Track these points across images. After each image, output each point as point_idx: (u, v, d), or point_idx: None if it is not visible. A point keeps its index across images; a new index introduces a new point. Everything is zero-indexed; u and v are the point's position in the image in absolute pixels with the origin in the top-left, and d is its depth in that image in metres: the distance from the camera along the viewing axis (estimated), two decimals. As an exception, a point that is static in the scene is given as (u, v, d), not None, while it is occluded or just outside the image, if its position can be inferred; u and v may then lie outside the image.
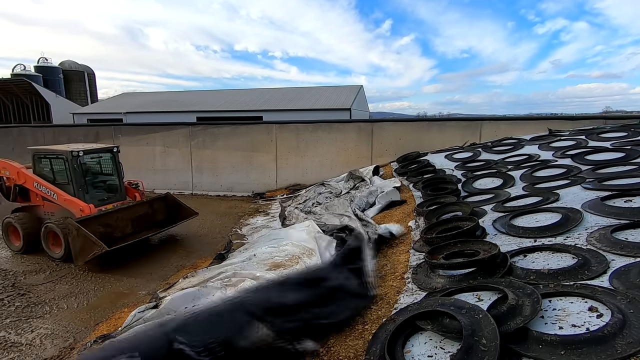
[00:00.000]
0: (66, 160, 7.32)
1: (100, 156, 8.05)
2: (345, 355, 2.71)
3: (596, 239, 3.30)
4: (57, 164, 7.55)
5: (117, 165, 8.16)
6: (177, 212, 8.45)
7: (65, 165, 7.38)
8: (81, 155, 7.39)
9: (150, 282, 6.24)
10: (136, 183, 8.71)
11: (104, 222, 7.06)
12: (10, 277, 6.54)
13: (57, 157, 7.51)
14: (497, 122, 11.25)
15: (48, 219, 7.49)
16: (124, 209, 7.56)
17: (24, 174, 7.70)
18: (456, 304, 2.62)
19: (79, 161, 7.38)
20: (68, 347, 4.48)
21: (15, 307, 5.48)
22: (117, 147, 8.19)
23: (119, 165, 8.18)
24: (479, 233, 4.21)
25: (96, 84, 44.37)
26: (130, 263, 6.99)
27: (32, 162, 7.74)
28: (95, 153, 7.87)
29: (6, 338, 4.69)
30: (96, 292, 5.98)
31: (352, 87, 29.32)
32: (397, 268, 4.03)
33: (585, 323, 2.24)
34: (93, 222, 6.80)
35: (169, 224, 8.18)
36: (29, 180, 7.62)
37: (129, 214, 7.61)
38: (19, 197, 7.96)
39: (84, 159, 7.54)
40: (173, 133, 13.55)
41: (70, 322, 5.06)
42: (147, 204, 8.10)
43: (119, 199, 8.05)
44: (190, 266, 6.79)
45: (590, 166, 5.74)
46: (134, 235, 7.47)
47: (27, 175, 7.66)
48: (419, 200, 6.55)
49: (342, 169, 11.73)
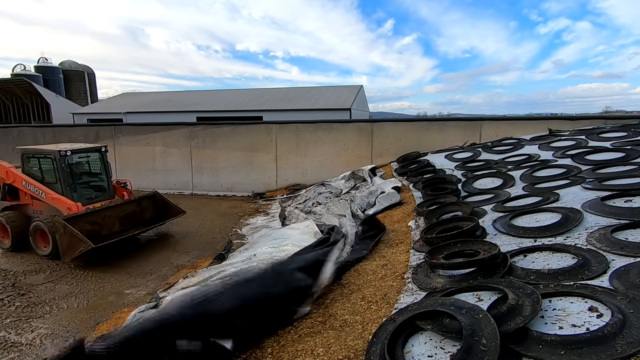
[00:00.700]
0: (54, 159, 7.43)
1: (88, 155, 8.16)
2: (346, 355, 2.70)
3: (596, 239, 3.30)
4: (45, 163, 7.67)
5: (105, 165, 8.28)
6: (165, 210, 8.58)
7: (53, 164, 7.48)
8: (69, 154, 7.50)
9: (150, 282, 6.24)
10: (124, 182, 8.82)
11: (91, 220, 7.19)
12: (10, 277, 6.54)
13: (45, 157, 7.63)
14: (497, 122, 11.25)
15: (37, 217, 7.60)
16: (111, 207, 7.69)
17: (12, 173, 7.83)
18: (456, 304, 2.62)
19: (67, 160, 7.49)
20: (68, 347, 4.47)
21: (15, 307, 5.48)
22: (105, 146, 8.31)
23: (107, 165, 8.31)
24: (479, 233, 4.20)
25: (96, 84, 44.41)
26: (130, 263, 6.99)
27: (21, 161, 7.90)
28: (83, 152, 8.01)
29: (6, 338, 4.69)
30: (96, 292, 5.98)
31: (352, 87, 29.32)
32: (397, 268, 4.02)
33: (585, 323, 2.23)
34: (80, 220, 6.91)
35: (156, 222, 8.33)
36: (18, 179, 7.74)
37: (116, 212, 7.73)
38: (7, 196, 8.08)
39: (72, 159, 7.65)
40: (173, 133, 13.55)
41: (70, 322, 5.06)
42: (134, 203, 8.23)
43: (107, 198, 8.17)
44: (190, 266, 6.80)
45: (590, 166, 5.74)
46: (122, 233, 7.58)
47: (15, 174, 7.79)
48: (419, 200, 6.55)
49: (342, 169, 11.73)
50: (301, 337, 3.17)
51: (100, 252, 6.92)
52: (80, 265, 6.93)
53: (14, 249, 7.67)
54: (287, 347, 3.06)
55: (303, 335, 3.20)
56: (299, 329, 3.35)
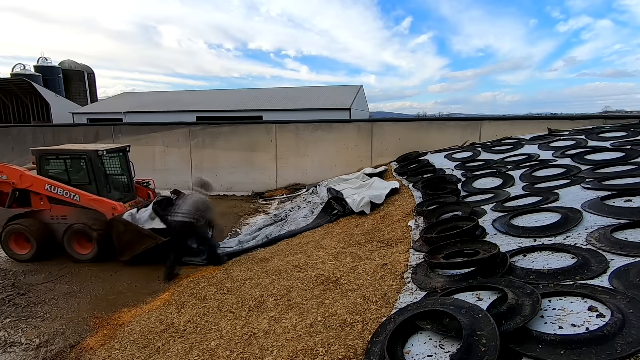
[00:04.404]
0: (89, 160, 7.20)
1: (116, 155, 8.03)
2: (345, 355, 2.70)
3: (596, 238, 3.30)
4: (74, 164, 7.43)
5: (128, 165, 8.13)
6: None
7: (87, 165, 7.25)
8: (105, 154, 7.38)
9: (150, 282, 6.24)
10: (147, 182, 8.67)
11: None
12: (10, 277, 6.53)
13: (74, 158, 7.39)
14: (497, 122, 11.25)
15: (57, 223, 7.27)
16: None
17: (30, 177, 7.19)
18: (456, 304, 2.62)
19: (103, 160, 7.34)
20: (68, 346, 4.47)
21: (15, 307, 5.47)
22: (128, 146, 8.18)
23: (130, 165, 8.15)
24: (479, 233, 4.21)
25: (96, 84, 44.41)
26: (130, 263, 6.98)
27: (38, 163, 7.33)
28: (114, 153, 7.87)
29: (6, 338, 4.69)
30: (96, 292, 5.97)
31: (352, 87, 29.34)
32: (397, 268, 4.02)
33: (585, 323, 2.24)
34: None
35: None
36: (38, 183, 7.13)
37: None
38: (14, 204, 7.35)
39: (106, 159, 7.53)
40: (173, 133, 13.55)
41: (70, 322, 5.05)
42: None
43: (132, 199, 7.99)
44: (190, 266, 6.78)
45: (590, 166, 5.74)
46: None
47: (34, 177, 7.18)
48: (419, 200, 6.55)
49: (342, 169, 11.74)
50: (301, 337, 3.18)
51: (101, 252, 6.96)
52: (80, 265, 6.93)
53: (35, 259, 7.13)
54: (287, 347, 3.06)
55: (303, 335, 3.20)
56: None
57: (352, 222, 7.02)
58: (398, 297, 3.33)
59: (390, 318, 2.81)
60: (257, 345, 3.29)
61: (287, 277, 4.78)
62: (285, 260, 5.68)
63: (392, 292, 3.51)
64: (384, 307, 3.27)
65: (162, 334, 4.23)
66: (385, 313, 3.13)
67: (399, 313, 2.82)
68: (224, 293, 4.96)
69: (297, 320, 3.51)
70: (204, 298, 4.97)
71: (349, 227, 6.71)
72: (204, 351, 3.53)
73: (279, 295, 4.30)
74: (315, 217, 8.02)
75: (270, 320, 3.73)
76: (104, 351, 4.16)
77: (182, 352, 3.68)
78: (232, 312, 4.25)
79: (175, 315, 4.62)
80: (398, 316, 2.76)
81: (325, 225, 7.34)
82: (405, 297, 3.29)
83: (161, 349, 3.91)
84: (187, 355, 3.57)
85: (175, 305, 4.94)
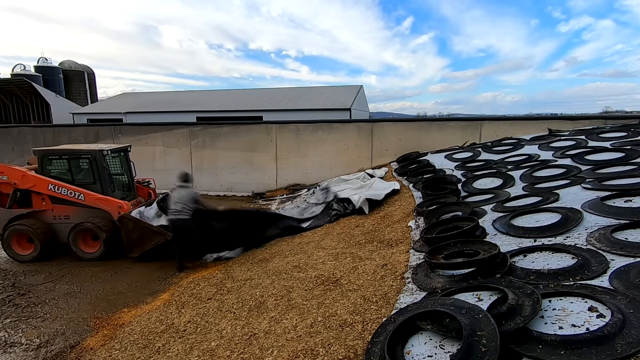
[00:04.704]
0: (94, 159, 7.28)
1: (118, 155, 8.10)
2: (345, 355, 2.70)
3: (596, 239, 3.30)
4: (78, 164, 7.47)
5: (129, 164, 8.19)
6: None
7: (91, 165, 7.32)
8: (109, 154, 7.45)
9: (150, 282, 6.24)
10: (147, 181, 8.73)
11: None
12: (10, 277, 6.54)
13: (79, 157, 7.44)
14: (497, 122, 11.25)
15: (60, 222, 7.34)
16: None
17: (32, 177, 7.18)
18: (456, 304, 2.62)
19: (107, 160, 7.40)
20: (68, 347, 4.47)
21: (15, 307, 5.47)
22: (129, 146, 8.25)
23: (131, 164, 8.21)
24: (479, 233, 4.20)
25: (96, 84, 44.40)
26: (130, 263, 6.99)
27: (40, 163, 7.35)
28: (116, 152, 7.94)
29: (6, 338, 4.69)
30: (96, 292, 5.98)
31: (352, 87, 29.34)
32: (397, 268, 4.02)
33: (585, 323, 2.24)
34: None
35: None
36: (41, 183, 7.15)
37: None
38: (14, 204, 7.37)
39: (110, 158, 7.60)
40: (173, 133, 13.55)
41: (70, 322, 5.06)
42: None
43: (132, 198, 8.05)
44: (190, 266, 6.78)
45: (590, 166, 5.74)
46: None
47: (37, 177, 7.18)
48: (419, 200, 6.55)
49: (342, 169, 11.74)
50: (301, 337, 3.17)
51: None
52: (80, 265, 6.93)
53: (38, 260, 7.16)
54: (287, 347, 3.06)
55: (303, 335, 3.20)
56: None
57: (352, 222, 7.02)
58: (398, 297, 3.33)
59: (390, 318, 2.81)
60: (257, 346, 3.29)
61: (287, 277, 4.78)
62: (285, 260, 5.68)
63: (392, 292, 3.51)
64: (384, 307, 3.27)
65: (162, 334, 4.23)
66: (385, 313, 3.13)
67: (399, 313, 2.82)
68: (224, 293, 4.96)
69: (297, 321, 3.51)
70: (204, 298, 4.97)
71: (349, 227, 6.71)
72: (204, 351, 3.53)
73: (279, 295, 4.30)
74: (315, 217, 8.03)
75: (270, 320, 3.73)
76: (104, 351, 4.16)
77: (182, 352, 3.68)
78: (232, 312, 4.25)
79: (175, 316, 4.62)
80: (398, 316, 2.75)
81: (325, 225, 7.35)
82: (405, 297, 3.29)
83: (161, 349, 3.91)
84: (187, 356, 3.57)
85: (175, 306, 4.94)
